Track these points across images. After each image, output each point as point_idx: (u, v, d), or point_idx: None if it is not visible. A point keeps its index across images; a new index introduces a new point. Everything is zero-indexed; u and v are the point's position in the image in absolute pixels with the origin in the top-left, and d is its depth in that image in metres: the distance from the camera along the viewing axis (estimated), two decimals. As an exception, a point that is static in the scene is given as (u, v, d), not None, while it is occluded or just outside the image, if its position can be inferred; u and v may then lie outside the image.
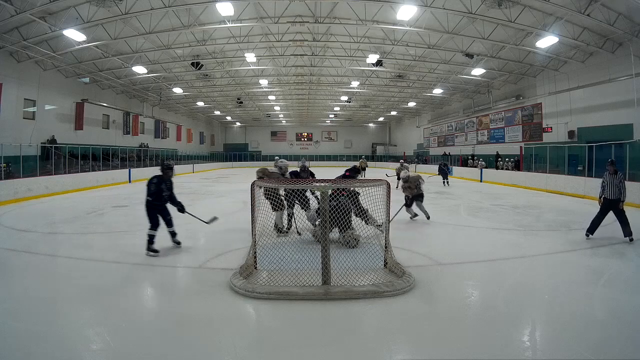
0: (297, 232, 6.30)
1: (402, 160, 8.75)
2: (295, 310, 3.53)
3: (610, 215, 6.18)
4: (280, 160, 7.00)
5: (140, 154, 22.88)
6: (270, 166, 7.77)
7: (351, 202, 5.58)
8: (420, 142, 34.59)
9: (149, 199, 5.45)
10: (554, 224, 7.92)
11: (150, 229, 5.36)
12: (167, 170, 5.60)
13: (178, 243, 5.72)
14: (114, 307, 3.56)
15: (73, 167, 15.46)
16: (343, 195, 5.56)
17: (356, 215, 5.61)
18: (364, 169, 19.44)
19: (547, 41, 13.38)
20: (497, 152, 21.28)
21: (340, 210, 5.03)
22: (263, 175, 6.69)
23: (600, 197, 6.19)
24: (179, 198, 6.06)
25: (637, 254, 5.70)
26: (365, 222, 5.41)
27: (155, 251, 5.28)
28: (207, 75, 21.77)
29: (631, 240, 5.90)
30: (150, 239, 5.32)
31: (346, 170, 6.69)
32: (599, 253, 5.68)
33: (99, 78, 19.72)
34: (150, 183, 5.49)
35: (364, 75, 22.19)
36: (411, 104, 28.81)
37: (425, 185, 8.06)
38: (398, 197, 7.70)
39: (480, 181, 19.58)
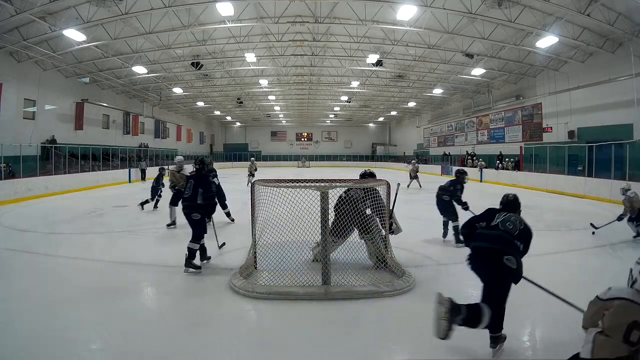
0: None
1: None
2: (295, 310, 3.53)
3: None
4: (176, 157, 7.51)
5: (140, 154, 22.86)
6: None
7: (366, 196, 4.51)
8: (420, 142, 34.59)
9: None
10: (554, 224, 7.92)
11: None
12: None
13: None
14: (113, 307, 3.57)
15: (73, 167, 15.45)
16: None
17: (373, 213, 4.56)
18: (416, 177, 15.63)
19: (547, 41, 13.38)
20: (500, 152, 21.21)
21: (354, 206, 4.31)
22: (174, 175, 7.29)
23: None
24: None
25: (637, 254, 5.70)
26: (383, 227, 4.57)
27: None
28: (207, 75, 21.76)
29: None
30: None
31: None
32: (599, 253, 5.69)
33: (99, 78, 19.71)
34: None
35: (364, 75, 22.18)
36: (411, 104, 28.80)
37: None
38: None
39: (480, 181, 19.57)
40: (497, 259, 2.63)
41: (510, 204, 3.03)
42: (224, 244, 5.61)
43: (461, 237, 3.66)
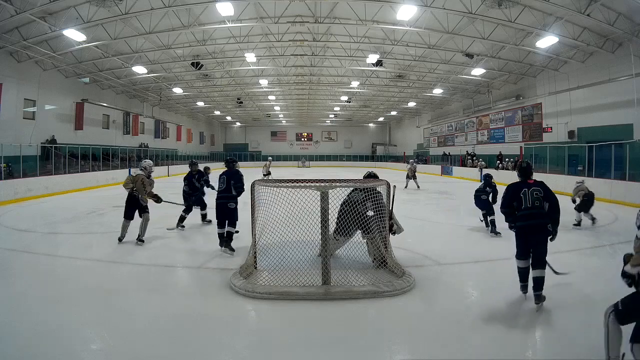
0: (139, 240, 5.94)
1: None
2: (295, 310, 3.53)
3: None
4: (144, 161, 6.46)
5: (140, 154, 22.84)
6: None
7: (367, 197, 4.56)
8: (420, 142, 34.60)
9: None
10: (554, 224, 7.90)
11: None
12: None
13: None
14: (113, 307, 3.57)
15: (73, 167, 15.45)
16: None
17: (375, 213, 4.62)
18: (413, 177, 15.19)
19: (547, 41, 13.38)
20: (500, 152, 21.21)
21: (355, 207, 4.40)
22: (133, 181, 6.08)
23: None
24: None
25: (637, 254, 5.69)
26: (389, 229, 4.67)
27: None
28: (207, 75, 21.76)
29: None
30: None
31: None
32: (599, 253, 5.69)
33: (99, 78, 19.71)
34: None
35: (364, 75, 22.18)
36: (411, 104, 28.80)
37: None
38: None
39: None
40: (544, 229, 3.57)
41: (524, 170, 3.84)
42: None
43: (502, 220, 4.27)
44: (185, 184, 7.40)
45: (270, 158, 18.61)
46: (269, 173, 15.38)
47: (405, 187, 14.85)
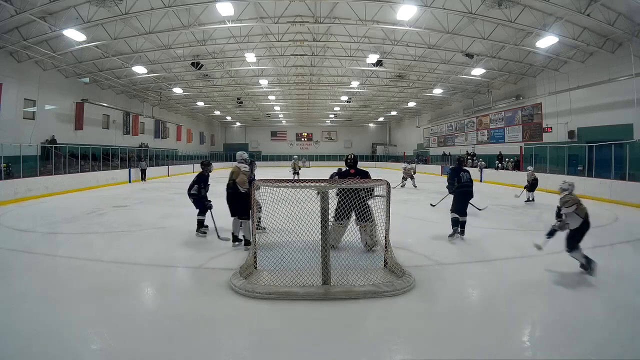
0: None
1: None
2: (295, 310, 3.53)
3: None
4: (242, 152, 6.09)
5: (140, 154, 22.84)
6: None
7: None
8: (420, 142, 34.59)
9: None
10: (554, 224, 7.90)
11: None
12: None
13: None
14: (113, 307, 3.57)
15: (73, 167, 15.44)
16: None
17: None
18: (412, 177, 15.58)
19: (547, 41, 13.38)
20: (500, 152, 21.20)
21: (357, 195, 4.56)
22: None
23: None
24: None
25: (637, 254, 5.71)
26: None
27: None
28: (207, 75, 21.76)
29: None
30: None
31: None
32: (599, 253, 5.68)
33: (99, 78, 19.71)
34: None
35: (364, 75, 22.18)
36: (411, 104, 28.80)
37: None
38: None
39: (481, 181, 19.55)
40: (471, 193, 6.28)
41: (461, 162, 6.54)
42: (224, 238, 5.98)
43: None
44: (201, 186, 6.40)
45: (295, 157, 18.84)
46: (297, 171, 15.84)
47: (403, 185, 15.31)
